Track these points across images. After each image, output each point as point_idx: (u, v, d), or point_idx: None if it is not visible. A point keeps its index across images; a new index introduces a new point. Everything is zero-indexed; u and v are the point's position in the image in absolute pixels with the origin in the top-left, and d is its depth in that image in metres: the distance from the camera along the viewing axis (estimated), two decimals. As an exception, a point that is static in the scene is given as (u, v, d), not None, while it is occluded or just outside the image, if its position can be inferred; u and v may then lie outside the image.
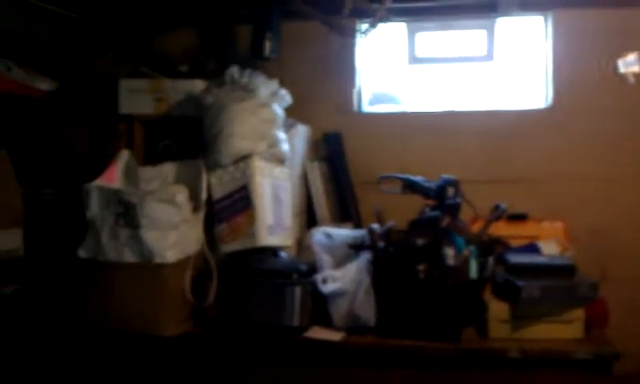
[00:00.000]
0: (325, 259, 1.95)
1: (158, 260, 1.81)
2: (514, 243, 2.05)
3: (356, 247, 1.95)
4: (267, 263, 1.94)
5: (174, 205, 1.84)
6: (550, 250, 2.03)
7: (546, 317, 1.77)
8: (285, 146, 2.10)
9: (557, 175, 2.29)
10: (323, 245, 1.99)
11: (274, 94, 2.07)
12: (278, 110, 2.08)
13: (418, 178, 1.98)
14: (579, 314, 1.77)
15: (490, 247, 1.97)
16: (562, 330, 1.76)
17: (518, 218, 2.15)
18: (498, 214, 2.00)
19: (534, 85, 2.40)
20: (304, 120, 2.29)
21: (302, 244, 2.17)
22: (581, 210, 2.23)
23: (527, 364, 1.70)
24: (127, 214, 1.85)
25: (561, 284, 1.78)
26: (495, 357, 1.73)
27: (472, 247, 1.88)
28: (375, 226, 1.92)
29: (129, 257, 1.84)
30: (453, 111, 2.41)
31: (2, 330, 1.96)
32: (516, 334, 1.77)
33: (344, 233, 2.06)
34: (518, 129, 2.31)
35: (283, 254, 2.06)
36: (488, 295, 1.86)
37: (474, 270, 1.86)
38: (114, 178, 1.99)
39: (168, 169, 2.08)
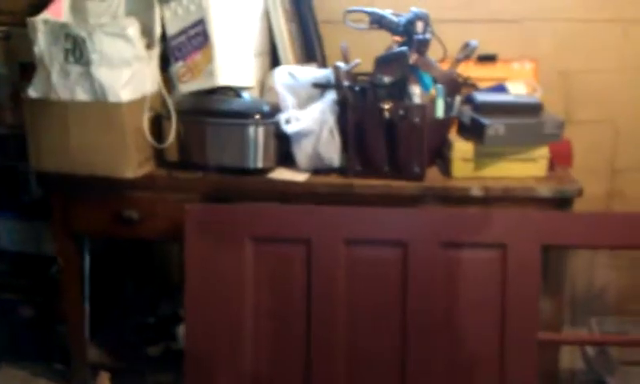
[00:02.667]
0: (288, 99, 1.88)
1: (111, 98, 1.73)
2: (483, 85, 2.01)
3: (320, 86, 1.88)
4: (228, 104, 1.87)
5: (126, 38, 1.73)
6: (518, 90, 1.99)
7: (510, 155, 1.76)
8: (245, -22, 1.96)
9: (530, 16, 2.20)
10: (286, 85, 1.91)
11: None
12: (237, -64, 1.92)
13: (386, 12, 1.88)
14: (544, 151, 1.76)
15: (457, 87, 1.92)
16: (525, 168, 1.76)
17: (488, 58, 2.10)
18: (467, 52, 1.93)
19: None
20: (265, -49, 2.13)
21: (265, 85, 2.08)
22: (552, 51, 2.17)
23: (489, 201, 1.72)
24: (76, 49, 1.75)
25: (527, 122, 1.76)
26: (458, 195, 1.73)
27: (439, 86, 1.83)
28: (341, 64, 1.85)
29: (81, 95, 1.76)
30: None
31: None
32: (480, 173, 1.77)
33: (308, 72, 1.98)
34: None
35: (246, 95, 1.98)
36: (453, 135, 1.84)
37: (440, 109, 1.82)
38: (60, 11, 1.85)
39: (117, 2, 1.92)
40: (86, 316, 2.00)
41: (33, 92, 1.79)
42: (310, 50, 2.20)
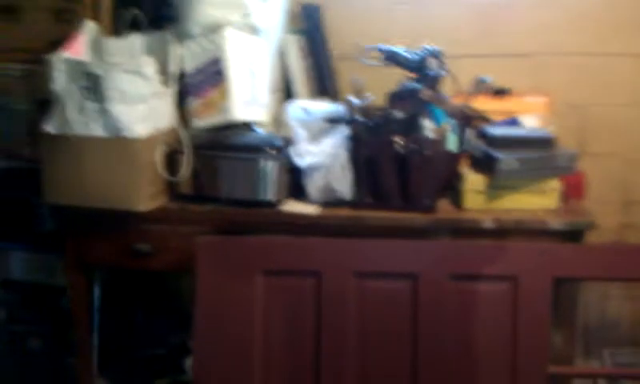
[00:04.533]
0: (301, 133, 1.90)
1: (126, 134, 1.76)
2: (496, 118, 2.01)
3: (333, 121, 1.90)
4: (242, 138, 1.90)
5: (142, 76, 1.77)
6: (532, 124, 1.99)
7: (522, 188, 1.76)
8: (260, 17, 2.00)
9: (542, 50, 2.21)
10: (299, 119, 1.94)
11: (248, -40, 1.96)
12: (253, -23, 1.97)
13: (399, 49, 1.91)
14: (555, 184, 1.76)
15: (469, 121, 1.93)
16: (537, 200, 1.75)
17: (501, 92, 2.10)
18: (481, 87, 1.94)
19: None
20: (281, -10, 2.18)
21: (278, 120, 2.11)
22: (565, 85, 2.18)
23: (501, 234, 1.71)
24: (93, 87, 1.79)
25: (540, 155, 1.76)
26: (469, 227, 1.73)
27: (452, 120, 1.84)
28: (353, 98, 1.87)
29: (97, 131, 1.79)
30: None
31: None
32: (491, 205, 1.76)
33: (321, 107, 2.01)
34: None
35: (259, 130, 2.01)
36: (465, 168, 1.84)
37: (452, 143, 1.83)
38: (79, 50, 1.90)
39: (136, 41, 1.98)
40: (95, 348, 2.01)
41: (50, 127, 1.82)
42: (323, 85, 2.23)
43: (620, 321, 2.23)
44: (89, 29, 1.94)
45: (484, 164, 1.80)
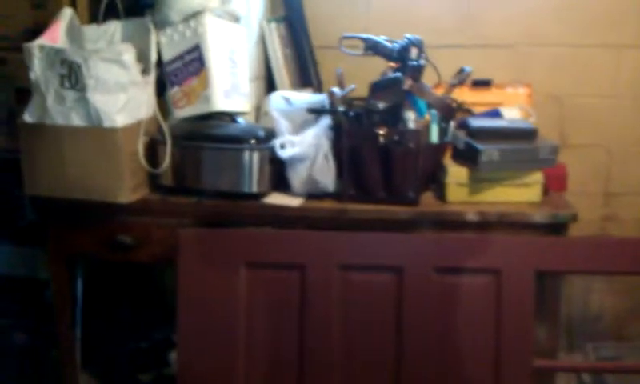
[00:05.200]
0: (283, 124, 1.88)
1: (106, 124, 1.73)
2: (478, 110, 2.02)
3: (315, 111, 1.88)
4: (224, 129, 1.88)
5: (121, 64, 1.74)
6: (513, 115, 2.00)
7: (504, 181, 1.77)
8: (240, 3, 1.97)
9: (524, 40, 2.21)
10: (282, 110, 1.92)
11: (227, -55, 1.92)
12: (232, -37, 1.93)
13: (380, 38, 1.89)
14: (538, 177, 1.76)
15: (452, 112, 1.93)
16: (520, 193, 1.76)
17: (482, 84, 2.11)
18: (462, 77, 1.95)
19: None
20: (261, -24, 2.15)
21: (260, 110, 2.10)
22: (545, 76, 2.19)
23: (484, 227, 1.71)
24: (72, 75, 1.75)
25: (521, 147, 1.77)
26: (453, 220, 1.73)
27: (433, 111, 1.84)
28: (336, 89, 1.86)
29: (76, 120, 1.75)
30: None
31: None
32: (474, 198, 1.77)
33: (303, 97, 1.99)
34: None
35: (241, 121, 1.99)
36: (448, 160, 1.85)
37: (434, 135, 1.83)
38: (56, 37, 1.85)
39: (114, 28, 1.95)
40: (78, 341, 1.98)
41: (28, 117, 1.79)
42: (306, 75, 2.21)
43: (603, 314, 2.27)
44: (66, 15, 1.89)
45: (466, 156, 1.80)
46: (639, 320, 2.14)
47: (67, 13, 1.90)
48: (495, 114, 1.99)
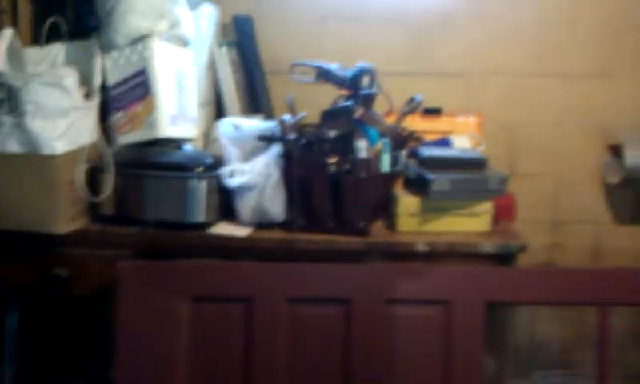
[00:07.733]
0: (232, 152, 1.85)
1: (45, 151, 1.66)
2: (428, 138, 2.02)
3: (265, 139, 1.85)
4: (169, 156, 1.82)
5: (63, 89, 1.68)
6: (463, 144, 2.01)
7: (455, 210, 1.76)
8: (188, 27, 1.93)
9: (474, 69, 2.23)
10: (231, 137, 1.88)
11: (176, -32, 1.89)
12: (181, -14, 1.90)
13: (332, 66, 1.88)
14: (487, 206, 1.77)
15: (403, 141, 1.92)
16: (470, 223, 1.76)
17: (433, 112, 2.12)
18: (413, 106, 1.95)
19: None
20: (212, -1, 2.12)
21: (209, 137, 2.05)
22: (495, 105, 2.21)
23: (434, 257, 1.70)
24: (10, 99, 1.68)
25: (471, 177, 1.77)
26: (403, 251, 1.71)
27: (385, 140, 1.83)
28: (286, 116, 1.83)
29: (14, 147, 1.68)
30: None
31: None
32: (425, 228, 1.76)
33: (254, 124, 1.95)
34: (439, 18, 2.21)
35: (188, 147, 1.94)
36: (399, 189, 1.83)
37: (386, 164, 1.81)
38: (-5, 58, 1.78)
39: (57, 50, 1.89)
40: (11, 379, 1.87)
41: (-39, 142, 1.71)
42: (256, 102, 2.18)
43: (550, 342, 2.27)
44: (6, 37, 1.81)
45: (417, 185, 1.79)
46: (586, 348, 2.14)
47: (8, 34, 1.82)
48: (445, 142, 2.00)
